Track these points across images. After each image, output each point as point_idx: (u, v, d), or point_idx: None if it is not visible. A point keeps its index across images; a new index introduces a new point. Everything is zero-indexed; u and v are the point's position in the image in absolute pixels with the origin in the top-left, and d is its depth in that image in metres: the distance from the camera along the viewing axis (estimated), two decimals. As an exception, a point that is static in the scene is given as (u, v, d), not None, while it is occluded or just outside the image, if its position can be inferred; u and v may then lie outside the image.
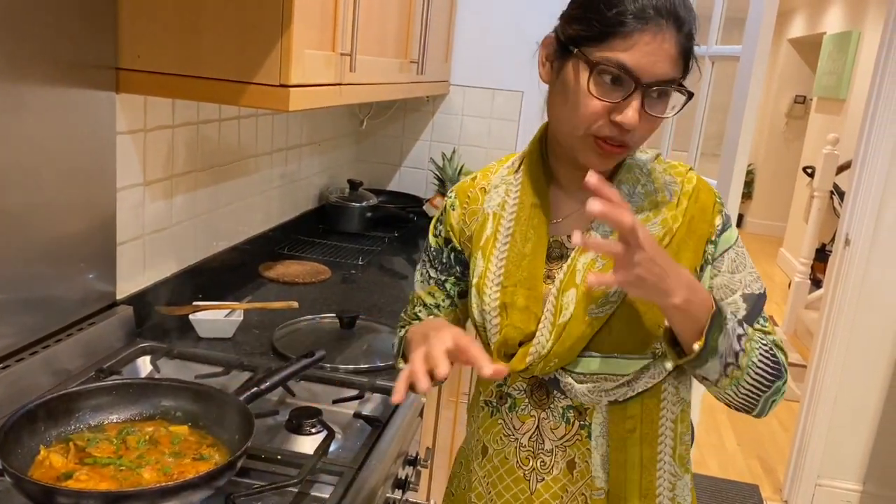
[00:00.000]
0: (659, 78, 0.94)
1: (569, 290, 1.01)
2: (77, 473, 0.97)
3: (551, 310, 1.02)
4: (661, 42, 0.93)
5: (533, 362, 1.02)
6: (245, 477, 1.09)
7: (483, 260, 1.08)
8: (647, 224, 1.02)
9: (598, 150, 0.98)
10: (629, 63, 0.93)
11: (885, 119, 2.68)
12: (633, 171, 1.07)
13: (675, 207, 1.04)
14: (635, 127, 0.95)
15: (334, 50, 1.49)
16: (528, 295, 1.04)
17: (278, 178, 2.25)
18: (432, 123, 2.93)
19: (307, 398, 1.37)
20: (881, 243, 2.79)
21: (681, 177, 1.07)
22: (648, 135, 1.00)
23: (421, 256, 1.23)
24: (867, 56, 4.94)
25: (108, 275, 1.46)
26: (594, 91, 0.95)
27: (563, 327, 1.00)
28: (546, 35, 1.09)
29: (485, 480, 1.14)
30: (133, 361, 1.42)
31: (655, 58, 0.93)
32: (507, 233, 1.08)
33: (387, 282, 2.14)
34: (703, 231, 1.04)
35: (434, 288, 1.19)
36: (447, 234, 1.17)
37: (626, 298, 1.00)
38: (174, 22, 1.32)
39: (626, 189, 1.05)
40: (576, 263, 1.02)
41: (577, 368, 1.02)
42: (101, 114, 1.37)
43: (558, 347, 1.00)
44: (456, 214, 1.16)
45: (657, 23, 0.93)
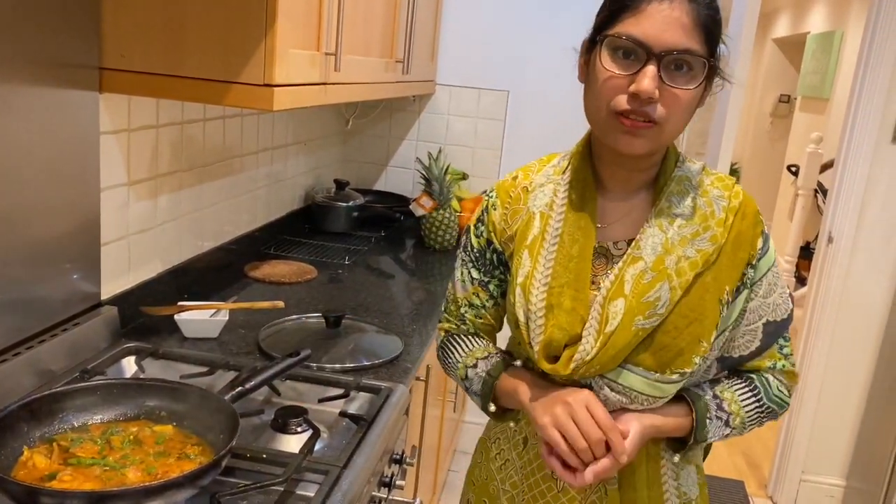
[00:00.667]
0: (670, 46, 0.95)
1: (617, 299, 1.02)
2: (61, 474, 0.97)
3: (597, 317, 1.03)
4: (671, 11, 0.95)
5: (576, 368, 1.03)
6: (230, 476, 1.09)
7: (530, 259, 1.09)
8: (696, 239, 1.03)
9: (623, 127, 0.99)
10: (638, 34, 0.95)
11: (866, 118, 2.71)
12: (683, 182, 1.07)
13: (723, 223, 1.04)
14: (651, 94, 0.95)
15: (319, 49, 1.49)
16: (574, 297, 1.05)
17: (264, 178, 2.25)
18: (418, 123, 2.93)
19: (293, 397, 1.37)
20: (863, 240, 2.82)
21: (728, 190, 1.08)
22: (680, 116, 0.99)
23: (460, 256, 1.22)
24: (850, 56, 4.98)
25: (92, 275, 1.46)
26: (608, 65, 0.98)
27: (609, 336, 1.01)
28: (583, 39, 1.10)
29: (522, 471, 1.18)
30: (118, 362, 1.41)
31: (665, 26, 0.94)
32: (555, 233, 1.08)
33: (373, 281, 2.14)
34: (744, 253, 1.05)
35: (478, 289, 1.20)
36: (489, 234, 1.17)
37: (670, 312, 1.02)
38: (158, 21, 1.32)
39: (676, 201, 1.06)
40: (624, 273, 1.03)
41: (618, 380, 1.04)
42: (85, 114, 1.37)
43: (602, 355, 1.02)
44: (498, 214, 1.16)
45: None
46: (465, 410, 3.10)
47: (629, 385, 1.03)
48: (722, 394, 1.10)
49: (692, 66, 0.96)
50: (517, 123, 2.86)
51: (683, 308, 1.02)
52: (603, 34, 0.99)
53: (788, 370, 1.14)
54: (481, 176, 2.92)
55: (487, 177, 2.92)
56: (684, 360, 1.02)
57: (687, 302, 1.02)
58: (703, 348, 1.02)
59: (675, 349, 1.02)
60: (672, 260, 1.02)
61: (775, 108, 7.65)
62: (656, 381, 1.03)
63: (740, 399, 1.11)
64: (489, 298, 1.20)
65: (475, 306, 1.21)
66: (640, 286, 1.01)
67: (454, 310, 1.24)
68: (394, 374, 1.50)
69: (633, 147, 1.00)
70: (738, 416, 1.10)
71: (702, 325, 1.02)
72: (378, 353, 1.58)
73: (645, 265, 1.02)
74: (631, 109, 0.97)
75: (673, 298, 1.01)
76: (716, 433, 1.09)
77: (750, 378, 1.13)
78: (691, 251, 1.02)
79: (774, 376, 1.13)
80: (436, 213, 2.52)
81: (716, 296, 1.03)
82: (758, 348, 1.10)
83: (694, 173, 1.09)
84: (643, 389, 1.03)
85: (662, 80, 0.95)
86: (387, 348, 1.62)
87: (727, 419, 1.09)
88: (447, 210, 2.53)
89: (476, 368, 1.18)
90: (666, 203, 1.06)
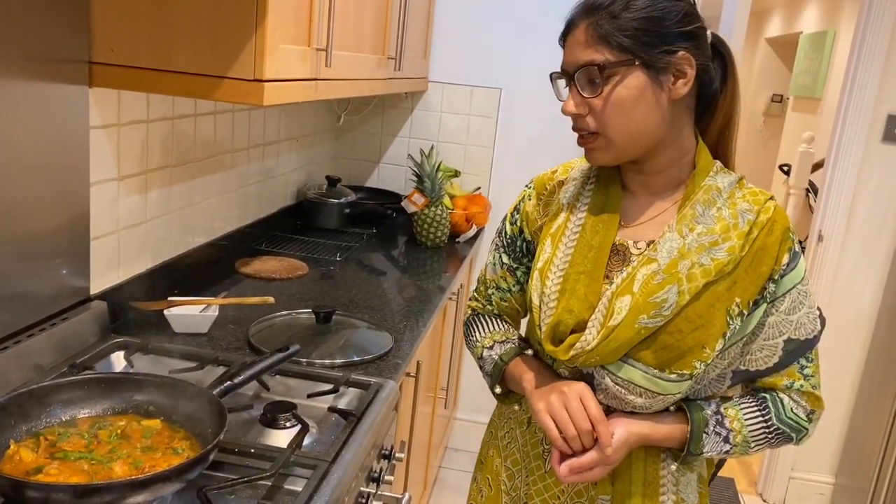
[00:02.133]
0: (574, 65, 1.06)
1: (624, 295, 1.06)
2: (47, 468, 0.97)
3: (603, 310, 1.07)
4: (574, 36, 1.07)
5: (575, 355, 1.07)
6: (218, 470, 1.09)
7: (551, 246, 1.14)
8: (714, 248, 1.05)
9: (579, 144, 1.11)
10: (562, 63, 1.09)
11: (856, 117, 2.73)
12: (711, 192, 1.10)
13: (745, 236, 1.06)
14: (571, 111, 1.07)
15: (310, 45, 1.49)
16: (588, 284, 1.09)
17: (255, 174, 2.25)
18: (411, 120, 2.93)
19: (282, 392, 1.37)
20: (853, 239, 2.83)
21: (758, 205, 1.09)
22: (616, 119, 1.06)
23: (494, 240, 1.29)
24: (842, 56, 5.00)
25: (81, 270, 1.46)
26: (559, 96, 1.12)
27: (611, 330, 1.05)
28: None
29: (522, 449, 1.24)
30: (107, 356, 1.41)
31: (571, 50, 1.07)
32: (578, 223, 1.14)
33: (364, 278, 2.14)
34: (766, 267, 1.07)
35: (506, 273, 1.27)
36: (521, 223, 1.24)
37: (675, 315, 1.04)
38: (148, 15, 1.31)
39: (700, 209, 1.09)
40: (637, 272, 1.07)
41: (619, 373, 1.07)
42: (74, 108, 1.37)
43: (603, 347, 1.05)
44: (532, 204, 1.23)
45: (572, 23, 1.08)
46: (456, 407, 3.10)
47: (629, 378, 1.07)
48: (726, 410, 1.12)
49: (598, 76, 1.04)
50: (509, 121, 2.87)
51: (690, 313, 1.04)
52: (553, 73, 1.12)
53: (808, 391, 1.14)
54: (473, 173, 2.93)
55: (479, 174, 2.93)
56: (685, 362, 1.05)
57: (695, 308, 1.04)
58: (705, 354, 1.05)
59: (677, 351, 1.05)
60: (685, 265, 1.05)
61: (768, 107, 7.68)
62: (655, 376, 1.06)
63: (744, 417, 1.12)
64: (515, 283, 1.26)
65: (501, 289, 1.28)
66: (650, 286, 1.05)
67: (483, 290, 1.32)
68: (383, 370, 1.51)
69: (594, 159, 1.11)
70: (740, 434, 1.12)
71: (707, 331, 1.04)
72: (368, 349, 1.58)
73: (658, 267, 1.06)
74: (573, 127, 1.10)
75: (680, 302, 1.04)
76: (714, 448, 1.11)
77: (763, 397, 1.14)
78: (706, 259, 1.05)
79: (791, 397, 1.14)
80: (427, 209, 2.52)
81: (725, 306, 1.05)
82: (776, 364, 1.12)
83: (726, 185, 1.11)
84: (642, 383, 1.07)
85: (582, 95, 1.06)
86: (377, 344, 1.62)
87: (727, 436, 1.11)
88: (439, 207, 2.53)
89: (492, 350, 1.25)
90: (690, 210, 1.09)
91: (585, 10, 1.06)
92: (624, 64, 1.03)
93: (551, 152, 2.86)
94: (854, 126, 2.74)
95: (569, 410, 1.06)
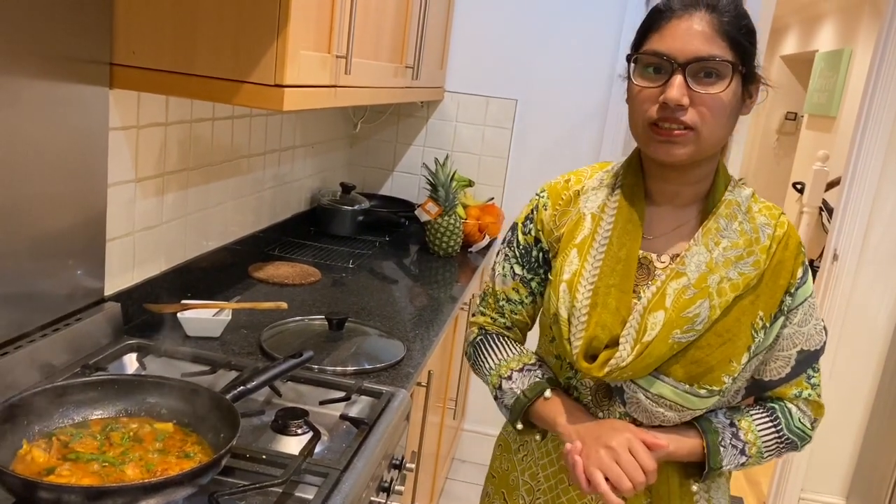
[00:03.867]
0: (693, 55, 1.00)
1: (657, 310, 1.05)
2: (59, 468, 0.96)
3: (635, 326, 1.06)
4: (691, 24, 1.00)
5: (610, 371, 1.06)
6: (229, 476, 1.08)
7: (579, 258, 1.12)
8: (740, 263, 1.06)
9: (658, 136, 1.04)
10: (662, 48, 1.01)
11: (874, 137, 2.71)
12: (733, 206, 1.10)
13: (766, 251, 1.07)
14: (679, 101, 0.99)
15: (330, 52, 1.49)
16: (619, 298, 1.08)
17: (271, 179, 2.25)
18: (426, 129, 2.93)
19: (294, 399, 1.37)
20: (868, 259, 2.81)
21: (774, 220, 1.11)
22: (715, 121, 1.02)
23: (503, 251, 1.26)
24: (858, 74, 4.98)
25: (96, 271, 1.46)
26: (639, 81, 1.04)
27: (645, 346, 1.04)
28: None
29: (539, 462, 1.22)
30: (119, 358, 1.41)
31: (687, 37, 1.00)
32: (605, 235, 1.12)
33: (377, 285, 2.14)
34: (784, 280, 1.09)
35: (518, 284, 1.23)
36: (537, 233, 1.21)
37: (706, 331, 1.05)
38: (170, 18, 1.32)
39: (724, 223, 1.09)
40: (667, 287, 1.06)
41: (650, 388, 1.07)
42: (95, 109, 1.37)
43: (637, 363, 1.05)
44: (548, 214, 1.20)
45: (685, 10, 1.01)
46: (464, 418, 3.09)
47: (658, 393, 1.07)
48: (739, 422, 1.13)
49: (719, 72, 1.01)
50: (524, 132, 2.86)
51: (719, 327, 1.05)
52: (632, 53, 1.05)
53: (814, 400, 1.16)
54: (487, 183, 2.92)
55: (493, 184, 2.92)
56: (714, 377, 1.05)
57: (724, 322, 1.05)
58: (733, 368, 1.06)
59: (706, 365, 1.05)
60: (714, 279, 1.05)
61: (782, 125, 7.65)
62: (685, 392, 1.06)
63: (757, 428, 1.13)
64: (528, 295, 1.23)
65: (513, 301, 1.24)
66: (682, 301, 1.05)
67: (492, 302, 1.27)
68: (395, 379, 1.50)
69: (672, 154, 1.04)
70: (755, 446, 1.12)
71: (734, 345, 1.05)
72: (380, 357, 1.57)
73: (688, 281, 1.05)
74: (662, 118, 1.02)
75: (711, 317, 1.04)
76: (731, 461, 1.11)
77: (772, 408, 1.15)
78: (734, 273, 1.05)
79: (798, 406, 1.16)
80: (441, 219, 2.51)
81: (750, 319, 1.06)
82: (787, 375, 1.13)
83: (744, 199, 1.11)
84: (672, 398, 1.07)
85: (690, 87, 1.00)
86: (389, 352, 1.61)
87: (743, 448, 1.11)
88: (452, 216, 2.53)
89: (510, 381, 1.19)
90: (714, 224, 1.09)
91: (705, 4, 1.01)
92: (737, 69, 1.02)
93: (565, 164, 2.85)
94: (871, 145, 2.72)
95: (621, 465, 1.03)
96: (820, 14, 6.37)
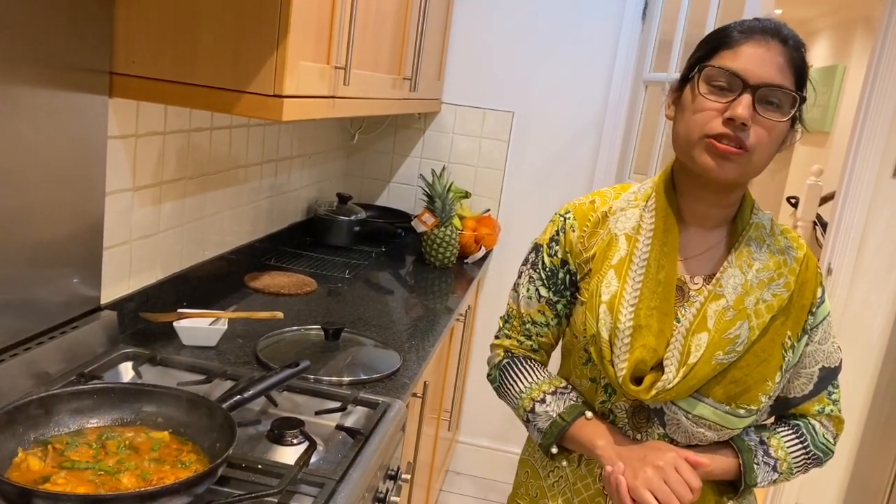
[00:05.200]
0: (765, 80, 1.01)
1: (700, 332, 1.07)
2: (55, 477, 0.96)
3: (679, 348, 1.07)
4: (766, 50, 1.02)
5: (657, 394, 1.07)
6: (224, 485, 1.08)
7: (617, 279, 1.11)
8: (772, 284, 1.09)
9: (713, 149, 1.04)
10: (735, 67, 1.02)
11: (868, 152, 2.73)
12: (760, 230, 1.13)
13: (794, 273, 1.11)
14: (746, 119, 1.00)
15: (329, 63, 1.50)
16: (661, 320, 1.09)
17: (267, 189, 2.25)
18: (423, 140, 2.94)
19: (290, 409, 1.36)
20: (863, 273, 2.82)
21: (795, 242, 1.15)
22: (767, 147, 1.04)
23: (526, 273, 1.24)
24: (852, 90, 5.02)
25: (93, 279, 1.46)
26: (706, 93, 1.04)
27: (690, 368, 1.06)
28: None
29: (573, 487, 1.21)
30: (115, 367, 1.40)
31: (761, 62, 1.02)
32: (643, 256, 1.11)
33: (373, 296, 2.14)
34: (807, 301, 1.12)
35: (544, 307, 1.22)
36: (564, 255, 1.20)
37: (746, 352, 1.07)
38: (170, 28, 1.33)
39: (755, 245, 1.11)
40: (706, 309, 1.08)
41: (692, 410, 1.08)
42: (94, 118, 1.37)
43: (682, 385, 1.06)
44: (576, 235, 1.19)
45: (762, 36, 1.02)
46: (458, 430, 3.08)
47: (700, 414, 1.09)
48: (769, 440, 1.15)
49: (783, 102, 1.03)
50: (521, 144, 2.88)
51: (757, 348, 1.07)
52: (703, 65, 1.06)
53: (836, 416, 1.20)
54: (484, 195, 2.93)
55: (489, 196, 2.93)
56: (751, 396, 1.08)
57: (761, 343, 1.08)
58: (769, 387, 1.08)
59: (744, 385, 1.07)
60: (751, 301, 1.07)
61: (776, 139, 7.68)
62: (725, 412, 1.08)
63: (787, 445, 1.16)
64: (554, 317, 1.23)
65: (538, 324, 1.23)
66: (723, 322, 1.07)
67: (517, 325, 1.25)
68: (391, 390, 1.50)
69: (723, 171, 1.05)
70: (786, 462, 1.15)
71: (769, 365, 1.08)
72: (376, 368, 1.57)
73: (727, 303, 1.07)
74: (724, 133, 1.02)
75: (751, 338, 1.06)
76: (765, 478, 1.14)
77: (797, 425, 1.18)
78: (768, 295, 1.08)
79: (821, 422, 1.19)
80: (437, 230, 2.52)
81: (781, 339, 1.09)
82: (811, 392, 1.16)
83: (767, 222, 1.15)
84: (712, 418, 1.08)
85: (756, 110, 1.01)
86: (385, 363, 1.61)
87: (774, 464, 1.14)
88: (448, 228, 2.54)
89: (545, 405, 1.19)
90: (745, 247, 1.11)
91: (781, 37, 1.04)
92: (797, 103, 1.04)
93: (562, 176, 2.88)
94: (865, 160, 2.74)
95: (669, 484, 1.05)
96: (814, 30, 6.42)
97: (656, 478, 1.05)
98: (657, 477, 1.05)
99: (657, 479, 1.05)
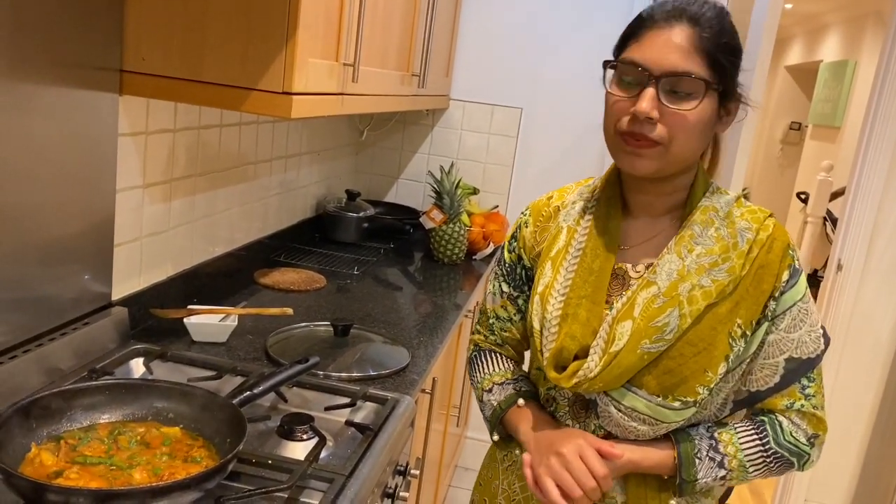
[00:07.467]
0: (668, 69, 0.98)
1: (625, 321, 1.04)
2: (67, 472, 0.97)
3: (604, 336, 1.05)
4: (671, 36, 0.99)
5: (579, 382, 1.05)
6: (235, 480, 1.09)
7: (552, 270, 1.12)
8: (714, 269, 1.03)
9: (625, 146, 1.03)
10: (638, 58, 1.00)
11: (879, 147, 2.71)
12: (709, 213, 1.07)
13: (745, 255, 1.04)
14: (648, 114, 0.98)
15: (338, 60, 1.50)
16: (590, 309, 1.07)
17: (277, 186, 2.26)
18: (431, 137, 2.94)
19: (299, 404, 1.37)
20: (873, 269, 2.81)
21: (757, 223, 1.07)
22: (685, 137, 1.01)
23: (494, 270, 1.27)
24: (863, 85, 4.99)
25: (104, 276, 1.47)
26: (613, 90, 1.03)
27: (613, 356, 1.03)
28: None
29: (518, 471, 1.21)
30: (126, 363, 1.41)
31: (665, 50, 0.99)
32: (578, 247, 1.11)
33: (381, 292, 2.14)
34: (767, 285, 1.04)
35: (506, 302, 1.24)
36: (519, 251, 1.22)
37: (677, 339, 1.02)
38: (180, 26, 1.33)
39: (698, 230, 1.06)
40: (636, 296, 1.05)
41: (622, 401, 1.05)
42: (104, 115, 1.38)
43: (606, 374, 1.03)
44: (529, 231, 1.21)
45: (666, 21, 0.99)
46: (467, 426, 3.09)
47: (631, 406, 1.05)
48: (720, 435, 1.09)
49: (692, 89, 0.99)
50: (529, 140, 2.87)
51: (692, 336, 1.02)
52: (609, 61, 1.05)
53: (808, 412, 1.10)
54: (492, 191, 2.93)
55: (498, 192, 2.93)
56: (688, 388, 1.03)
57: (696, 331, 1.02)
58: (707, 378, 1.03)
59: (680, 376, 1.02)
60: (685, 287, 1.03)
61: (786, 135, 7.66)
62: (658, 405, 1.04)
63: (739, 441, 1.08)
64: (516, 312, 1.24)
65: (502, 319, 1.25)
66: (650, 310, 1.03)
67: (484, 320, 1.29)
68: (400, 386, 1.50)
69: (637, 167, 1.04)
70: (735, 458, 1.07)
71: (710, 355, 1.02)
72: (385, 364, 1.58)
73: (658, 290, 1.03)
74: (631, 130, 1.01)
75: (682, 326, 1.02)
76: (708, 474, 1.07)
77: (760, 420, 1.10)
78: (706, 281, 1.03)
79: (791, 419, 1.10)
80: (445, 226, 2.52)
81: (727, 328, 1.03)
82: (777, 384, 1.08)
83: (723, 204, 1.08)
84: (644, 411, 1.04)
85: (662, 101, 0.99)
86: (394, 359, 1.61)
87: (722, 460, 1.07)
88: (457, 224, 2.54)
89: (490, 394, 1.22)
90: (688, 231, 1.06)
91: (688, 17, 0.99)
92: (712, 87, 1.00)
93: (570, 172, 2.87)
94: (876, 156, 2.72)
95: (571, 472, 1.03)
96: (824, 25, 6.39)
97: (558, 465, 1.04)
98: (559, 464, 1.04)
99: (559, 466, 1.04)
